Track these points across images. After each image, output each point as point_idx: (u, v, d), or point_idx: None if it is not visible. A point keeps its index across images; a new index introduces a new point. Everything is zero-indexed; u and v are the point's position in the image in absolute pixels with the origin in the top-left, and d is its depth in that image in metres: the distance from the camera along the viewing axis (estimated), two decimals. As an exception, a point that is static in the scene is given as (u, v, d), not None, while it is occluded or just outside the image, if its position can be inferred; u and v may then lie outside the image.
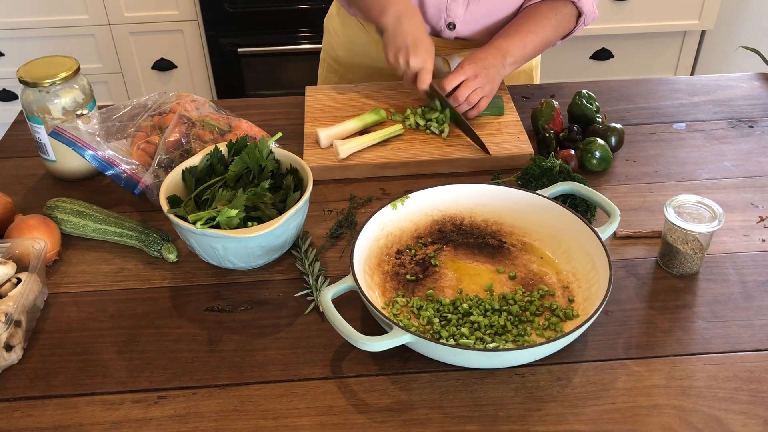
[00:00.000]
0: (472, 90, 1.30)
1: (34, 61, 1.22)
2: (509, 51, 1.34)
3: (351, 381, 0.91)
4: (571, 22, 1.40)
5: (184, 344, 0.97)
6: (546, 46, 1.40)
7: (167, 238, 1.10)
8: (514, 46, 1.35)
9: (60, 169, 1.26)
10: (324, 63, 1.66)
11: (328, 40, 1.63)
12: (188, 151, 1.19)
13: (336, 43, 1.59)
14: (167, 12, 2.64)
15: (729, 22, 2.86)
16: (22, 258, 1.02)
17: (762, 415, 0.86)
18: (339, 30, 1.58)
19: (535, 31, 1.36)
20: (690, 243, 1.02)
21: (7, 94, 2.84)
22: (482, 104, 1.33)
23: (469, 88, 1.30)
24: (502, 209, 1.11)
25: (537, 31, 1.36)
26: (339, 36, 1.58)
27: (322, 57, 1.67)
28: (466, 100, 1.31)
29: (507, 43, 1.35)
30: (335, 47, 1.60)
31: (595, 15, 1.40)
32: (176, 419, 0.87)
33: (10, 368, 0.94)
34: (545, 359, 0.93)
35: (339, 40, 1.58)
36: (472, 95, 1.31)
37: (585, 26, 1.42)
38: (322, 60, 1.67)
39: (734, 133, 1.37)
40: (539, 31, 1.36)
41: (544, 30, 1.37)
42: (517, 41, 1.35)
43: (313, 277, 1.04)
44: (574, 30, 1.42)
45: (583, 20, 1.40)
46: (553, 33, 1.39)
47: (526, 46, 1.36)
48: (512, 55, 1.34)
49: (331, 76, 1.64)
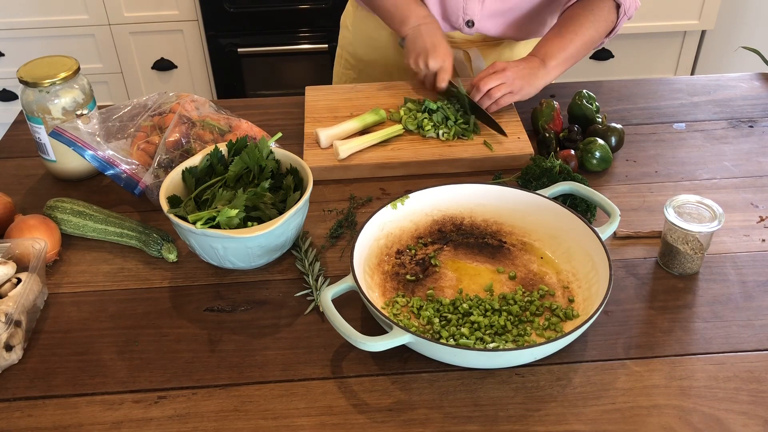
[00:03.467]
0: (497, 83, 1.31)
1: (34, 61, 1.22)
2: (548, 54, 1.34)
3: (351, 381, 0.91)
4: (611, 16, 1.38)
5: (184, 344, 0.97)
6: (591, 45, 1.39)
7: (167, 238, 1.10)
8: (554, 49, 1.35)
9: (60, 169, 1.26)
10: (341, 59, 1.67)
11: (345, 36, 1.64)
12: (188, 151, 1.19)
13: (354, 39, 1.61)
14: (167, 12, 2.64)
15: (729, 22, 2.85)
16: (22, 258, 1.02)
17: (762, 415, 0.86)
18: (356, 26, 1.59)
19: (574, 31, 1.36)
20: (690, 243, 1.02)
21: (7, 94, 2.84)
22: (503, 100, 1.32)
23: (494, 80, 1.31)
24: (502, 209, 1.11)
25: (576, 31, 1.36)
26: (356, 32, 1.59)
27: (338, 53, 1.69)
28: (486, 94, 1.31)
29: (545, 48, 1.36)
30: (353, 43, 1.61)
31: (637, 4, 1.39)
32: (176, 419, 0.87)
33: (10, 368, 0.94)
34: (545, 359, 0.92)
35: (356, 36, 1.59)
36: (495, 89, 1.31)
37: (628, 17, 1.39)
38: (338, 56, 1.68)
39: (734, 133, 1.37)
40: (579, 31, 1.36)
41: (583, 28, 1.36)
42: (556, 44, 1.35)
43: (313, 277, 1.04)
44: (618, 23, 1.40)
45: (624, 11, 1.38)
46: (595, 30, 1.37)
47: (567, 47, 1.35)
48: (553, 57, 1.34)
49: (349, 72, 1.65)
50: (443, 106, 1.34)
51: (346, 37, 1.64)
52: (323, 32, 2.66)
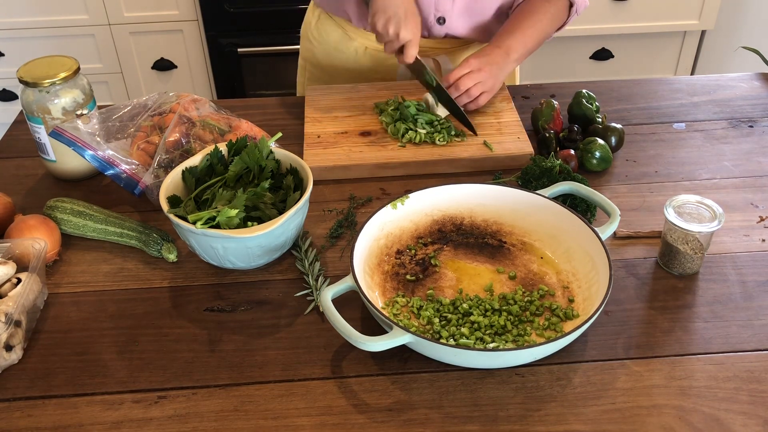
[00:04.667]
0: (475, 83, 1.31)
1: (34, 61, 1.22)
2: (512, 47, 1.35)
3: (351, 381, 0.91)
4: (564, 13, 1.42)
5: (184, 344, 0.97)
6: (544, 40, 1.42)
7: (167, 238, 1.10)
8: (517, 42, 1.36)
9: (60, 169, 1.26)
10: (304, 71, 1.64)
11: (307, 48, 1.60)
12: (188, 151, 1.19)
13: (317, 51, 1.58)
14: (167, 12, 2.64)
15: (729, 22, 2.85)
16: (22, 258, 1.02)
17: (762, 415, 0.86)
18: (319, 37, 1.56)
19: (533, 26, 1.37)
20: (690, 243, 1.02)
21: (7, 94, 2.84)
22: (482, 99, 1.33)
23: (473, 80, 1.31)
24: (502, 209, 1.11)
25: (535, 25, 1.38)
26: (319, 43, 1.56)
27: (300, 65, 1.65)
28: (466, 92, 1.31)
29: (509, 40, 1.36)
30: (316, 54, 1.58)
31: (585, 4, 1.42)
32: (176, 419, 0.87)
33: (10, 368, 0.94)
34: (545, 359, 0.92)
35: (319, 47, 1.56)
36: (473, 88, 1.31)
37: (577, 15, 1.44)
38: (302, 68, 1.65)
39: (734, 133, 1.37)
40: (537, 25, 1.38)
41: (541, 23, 1.38)
42: (518, 37, 1.36)
43: (313, 277, 1.04)
44: (567, 20, 1.44)
45: (575, 10, 1.42)
46: (550, 25, 1.41)
47: (528, 41, 1.37)
48: (515, 51, 1.35)
49: (314, 83, 1.62)
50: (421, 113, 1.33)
51: (309, 48, 1.60)
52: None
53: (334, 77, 1.58)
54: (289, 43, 2.68)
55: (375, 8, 1.29)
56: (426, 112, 1.33)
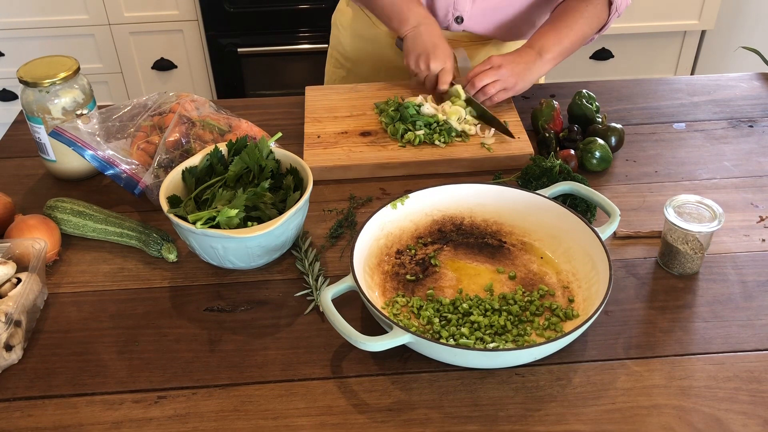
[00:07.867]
0: (491, 80, 1.31)
1: (34, 61, 1.22)
2: (545, 47, 1.35)
3: (351, 381, 0.91)
4: (603, 12, 1.40)
5: (184, 344, 0.97)
6: (583, 40, 1.40)
7: (167, 238, 1.10)
8: (550, 42, 1.35)
9: (60, 169, 1.26)
10: (331, 59, 1.67)
11: (335, 35, 1.64)
12: (188, 151, 1.19)
13: (344, 38, 1.60)
14: (167, 12, 2.64)
15: (729, 22, 2.85)
16: (22, 258, 1.02)
17: (762, 415, 0.86)
18: (348, 24, 1.59)
19: (569, 26, 1.37)
20: (690, 243, 1.02)
21: (7, 94, 2.84)
22: (498, 97, 1.33)
23: (489, 77, 1.31)
24: (502, 209, 1.11)
25: (571, 25, 1.37)
26: (348, 30, 1.59)
27: (329, 53, 1.68)
28: (481, 90, 1.32)
29: (542, 40, 1.36)
30: (343, 42, 1.61)
31: (627, 2, 1.40)
32: (176, 419, 0.87)
33: (10, 368, 0.94)
34: (545, 359, 0.92)
35: (347, 34, 1.59)
36: (489, 86, 1.31)
37: (618, 15, 1.41)
38: (330, 56, 1.68)
39: (734, 133, 1.37)
40: (573, 26, 1.37)
41: (578, 23, 1.37)
42: (552, 37, 1.36)
43: (313, 277, 1.04)
44: (608, 20, 1.41)
45: (615, 9, 1.39)
46: (588, 26, 1.39)
47: (562, 40, 1.36)
48: (549, 50, 1.35)
49: (339, 71, 1.65)
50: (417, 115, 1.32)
51: (336, 36, 1.64)
52: (323, 32, 2.64)
53: (357, 65, 1.60)
54: (289, 43, 2.68)
55: (406, 50, 1.38)
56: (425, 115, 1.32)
